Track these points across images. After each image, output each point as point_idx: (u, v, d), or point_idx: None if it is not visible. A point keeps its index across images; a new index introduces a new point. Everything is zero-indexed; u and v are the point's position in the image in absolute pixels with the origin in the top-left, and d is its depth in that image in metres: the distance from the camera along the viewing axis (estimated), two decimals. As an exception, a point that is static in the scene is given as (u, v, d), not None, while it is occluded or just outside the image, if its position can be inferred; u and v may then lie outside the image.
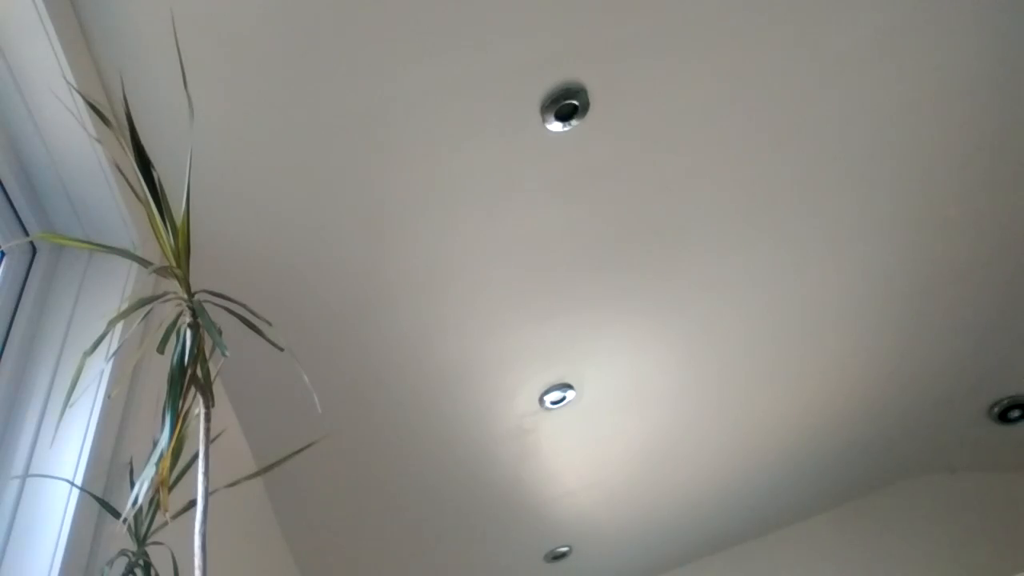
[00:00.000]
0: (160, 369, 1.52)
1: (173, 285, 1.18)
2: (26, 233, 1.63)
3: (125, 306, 1.18)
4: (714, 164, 2.13)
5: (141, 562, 1.28)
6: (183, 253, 1.17)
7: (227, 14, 1.54)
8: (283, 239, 1.96)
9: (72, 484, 1.36)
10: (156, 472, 1.06)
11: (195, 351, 1.12)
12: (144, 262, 1.26)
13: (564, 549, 3.53)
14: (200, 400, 1.13)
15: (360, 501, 2.83)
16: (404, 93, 1.76)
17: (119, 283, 1.63)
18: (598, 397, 2.78)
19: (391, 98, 1.76)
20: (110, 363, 1.49)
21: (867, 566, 3.70)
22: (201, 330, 1.14)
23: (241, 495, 2.27)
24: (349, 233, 2.00)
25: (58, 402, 1.46)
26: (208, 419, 1.12)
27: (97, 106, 1.23)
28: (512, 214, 2.09)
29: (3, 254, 1.59)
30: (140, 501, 1.10)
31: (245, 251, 1.95)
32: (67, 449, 1.41)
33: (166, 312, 1.19)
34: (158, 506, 1.31)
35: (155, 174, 1.18)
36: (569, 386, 2.68)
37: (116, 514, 1.38)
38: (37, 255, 1.65)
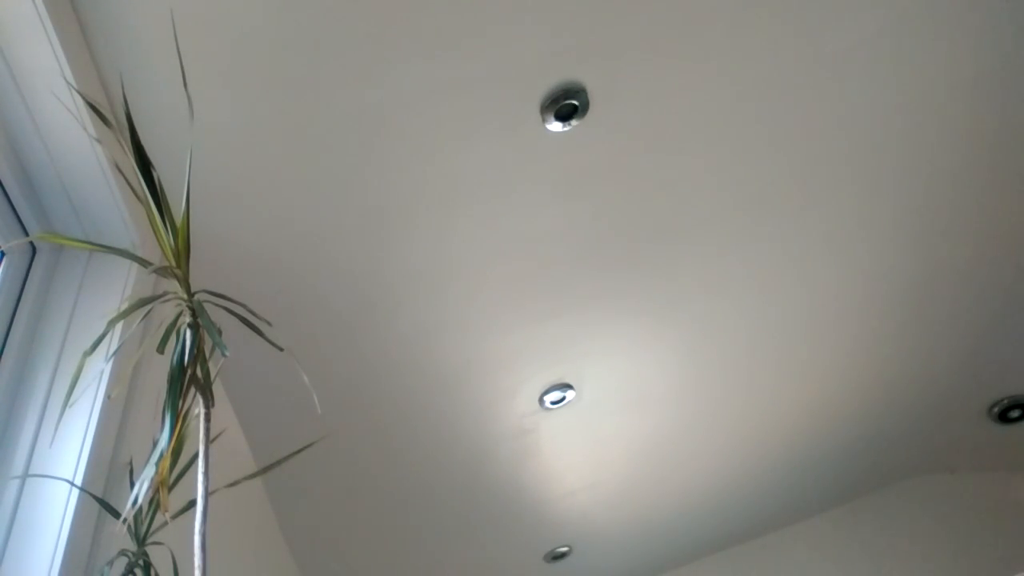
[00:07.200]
0: (160, 369, 1.52)
1: (173, 285, 1.18)
2: (26, 233, 1.63)
3: (125, 306, 1.18)
4: (714, 164, 2.13)
5: (141, 562, 1.28)
6: (183, 253, 1.17)
7: (227, 14, 1.54)
8: (283, 239, 1.96)
9: (72, 484, 1.36)
10: (156, 472, 1.06)
11: (195, 351, 1.12)
12: (144, 262, 1.26)
13: (564, 549, 3.53)
14: (200, 400, 1.12)
15: (360, 501, 2.83)
16: (404, 93, 1.76)
17: (119, 283, 1.63)
18: (598, 397, 2.78)
19: (391, 98, 1.76)
20: (110, 363, 1.49)
21: (867, 566, 3.70)
22: (201, 330, 1.14)
23: (241, 495, 2.27)
24: (349, 233, 2.00)
25: (58, 402, 1.46)
26: (208, 419, 1.12)
27: (97, 106, 1.23)
28: (512, 214, 2.09)
29: (3, 254, 1.59)
30: (140, 501, 1.10)
31: (245, 251, 1.95)
32: (67, 449, 1.41)
33: (166, 312, 1.19)
34: (158, 506, 1.31)
35: (155, 174, 1.18)
36: (569, 386, 2.68)
37: (116, 514, 1.38)
38: (37, 255, 1.65)
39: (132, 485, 1.45)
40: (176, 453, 1.18)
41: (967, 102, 2.12)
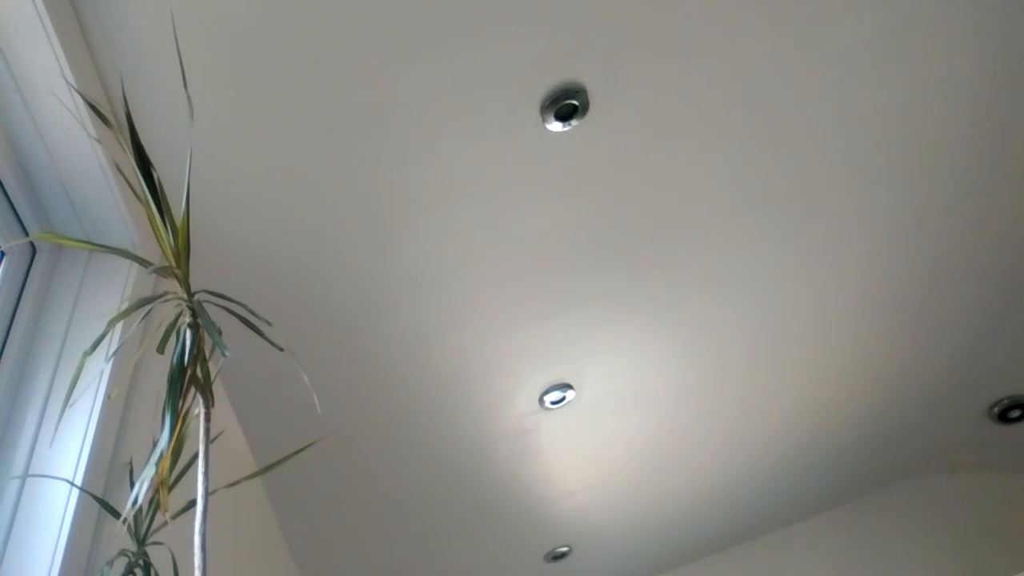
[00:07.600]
0: (160, 369, 1.52)
1: (173, 285, 1.18)
2: (26, 233, 1.63)
3: (125, 306, 1.18)
4: (714, 164, 2.13)
5: (141, 562, 1.28)
6: (183, 253, 1.17)
7: (227, 14, 1.54)
8: (283, 239, 1.96)
9: (72, 484, 1.36)
10: (156, 472, 1.06)
11: (195, 351, 1.12)
12: (144, 262, 1.26)
13: (564, 549, 3.53)
14: (200, 400, 1.12)
15: (360, 501, 2.83)
16: (404, 93, 1.76)
17: (119, 283, 1.63)
18: (598, 397, 2.78)
19: (391, 98, 1.76)
20: (110, 363, 1.49)
21: (867, 566, 3.70)
22: (201, 330, 1.14)
23: (241, 495, 2.27)
24: (349, 233, 2.00)
25: (58, 402, 1.46)
26: (208, 419, 1.12)
27: (97, 106, 1.23)
28: (512, 214, 2.09)
29: (3, 254, 1.59)
30: (140, 501, 1.10)
31: (245, 251, 1.95)
32: (67, 449, 1.41)
33: (166, 312, 1.19)
34: (158, 506, 1.31)
35: (155, 174, 1.18)
36: (569, 386, 2.68)
37: (116, 514, 1.37)
38: (37, 255, 1.65)
39: (132, 485, 1.45)
40: (176, 453, 1.18)
41: (967, 102, 2.12)
